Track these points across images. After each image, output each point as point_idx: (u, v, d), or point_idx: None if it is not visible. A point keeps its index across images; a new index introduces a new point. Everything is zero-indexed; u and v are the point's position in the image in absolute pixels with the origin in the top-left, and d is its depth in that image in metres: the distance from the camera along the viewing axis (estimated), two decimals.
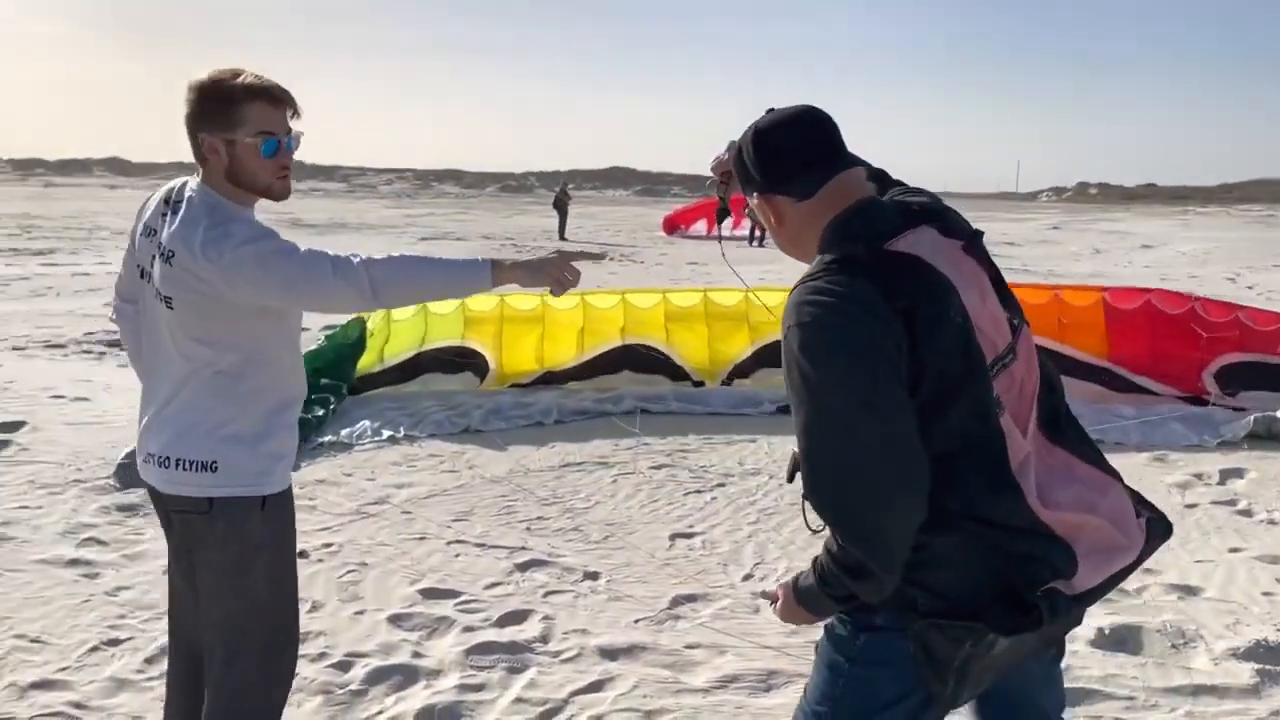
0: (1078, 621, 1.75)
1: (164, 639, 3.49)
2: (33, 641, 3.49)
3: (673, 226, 31.18)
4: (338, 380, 6.87)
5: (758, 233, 27.66)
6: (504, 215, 42.92)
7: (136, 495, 4.99)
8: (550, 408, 6.87)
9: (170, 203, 2.16)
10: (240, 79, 2.08)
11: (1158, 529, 1.76)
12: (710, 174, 2.12)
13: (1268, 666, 3.40)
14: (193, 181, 2.19)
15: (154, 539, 4.48)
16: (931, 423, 1.56)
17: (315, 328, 10.40)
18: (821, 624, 1.84)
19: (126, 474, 5.21)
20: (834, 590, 1.65)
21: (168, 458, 2.14)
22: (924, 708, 1.69)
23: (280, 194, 2.18)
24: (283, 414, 2.23)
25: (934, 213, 1.70)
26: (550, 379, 7.28)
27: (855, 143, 1.80)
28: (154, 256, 2.13)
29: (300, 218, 35.80)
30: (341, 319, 7.69)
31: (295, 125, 2.17)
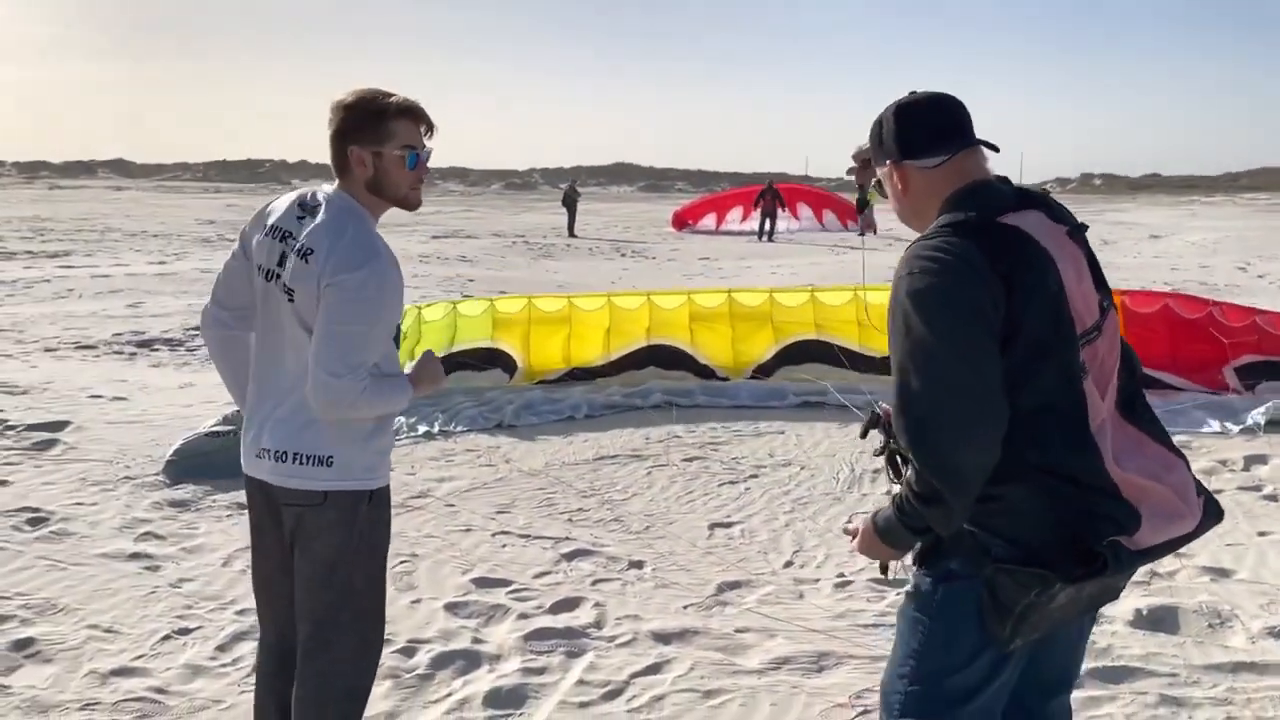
0: (1127, 581, 1.91)
1: (232, 627, 3.66)
2: (106, 631, 3.61)
3: (681, 223, 31.22)
4: None
5: (767, 226, 27.82)
6: (511, 213, 42.97)
7: (186, 490, 5.13)
8: (580, 403, 6.98)
9: (306, 207, 2.30)
10: (390, 98, 2.25)
11: (1212, 509, 1.91)
12: (852, 161, 2.23)
13: None
14: (327, 187, 2.33)
15: (208, 533, 4.61)
16: (1021, 379, 1.73)
17: None
18: (888, 599, 1.95)
19: (175, 469, 5.34)
20: (910, 520, 1.81)
21: (284, 452, 2.26)
22: (1004, 661, 1.83)
23: (415, 204, 2.35)
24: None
25: (1044, 201, 1.88)
26: (577, 375, 7.38)
27: (863, 139, 2.03)
28: (284, 254, 2.26)
29: None
30: None
31: (428, 141, 2.33)
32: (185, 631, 3.64)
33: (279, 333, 2.31)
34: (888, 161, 1.95)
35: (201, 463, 5.40)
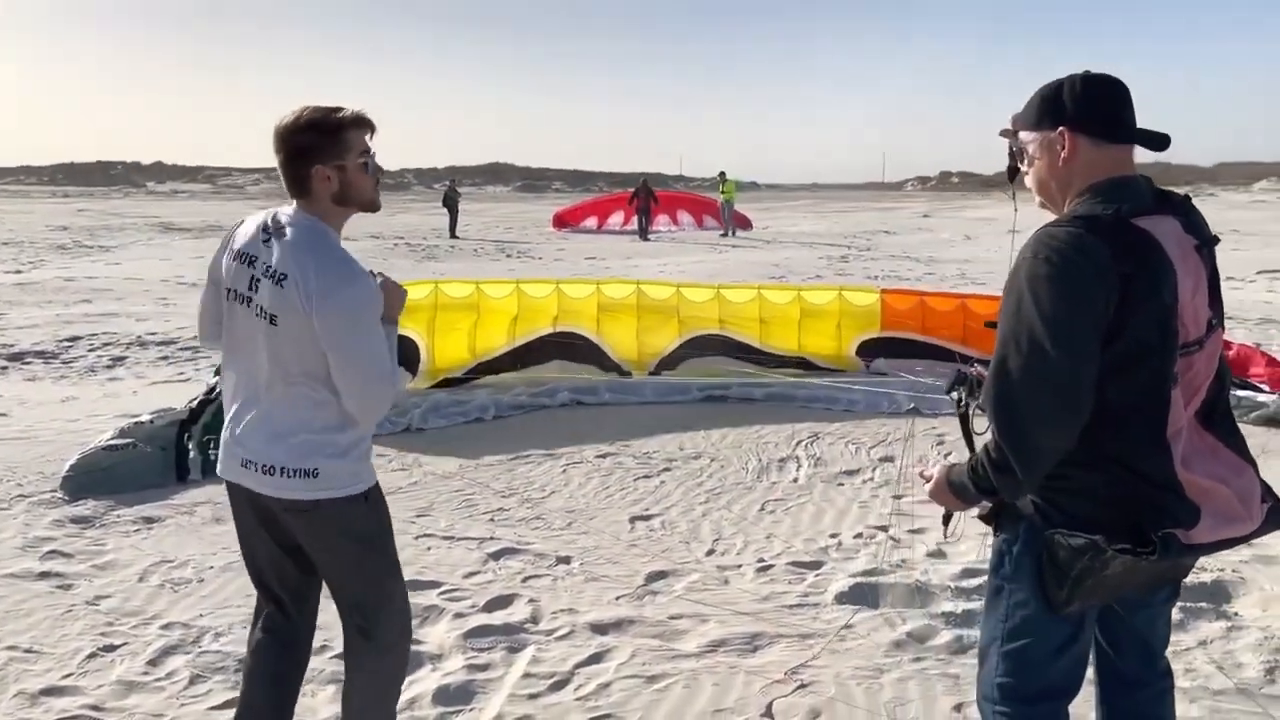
0: (1187, 570, 2.08)
1: (160, 642, 3.61)
2: (26, 652, 3.49)
3: (562, 224, 31.34)
4: None
5: (646, 224, 28.17)
6: (388, 213, 42.01)
7: (87, 507, 4.97)
8: (487, 404, 7.00)
9: (270, 230, 2.34)
10: (340, 112, 2.30)
11: (1275, 516, 2.00)
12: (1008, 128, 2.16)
13: None
14: (287, 209, 2.36)
15: (118, 549, 4.48)
16: (1116, 376, 1.85)
17: None
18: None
19: (72, 485, 5.15)
20: (980, 482, 1.98)
21: (271, 466, 2.32)
22: (1074, 622, 2.04)
23: (378, 205, 2.42)
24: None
25: (1183, 209, 1.96)
26: (482, 370, 7.30)
27: (734, 141, 2.12)
28: (254, 279, 2.31)
29: (170, 222, 34.44)
30: None
31: (372, 144, 2.38)
32: (111, 649, 3.54)
33: (251, 347, 2.36)
34: (1059, 126, 1.96)
35: (100, 477, 5.22)
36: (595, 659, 3.52)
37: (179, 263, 18.89)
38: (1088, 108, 1.96)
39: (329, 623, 3.71)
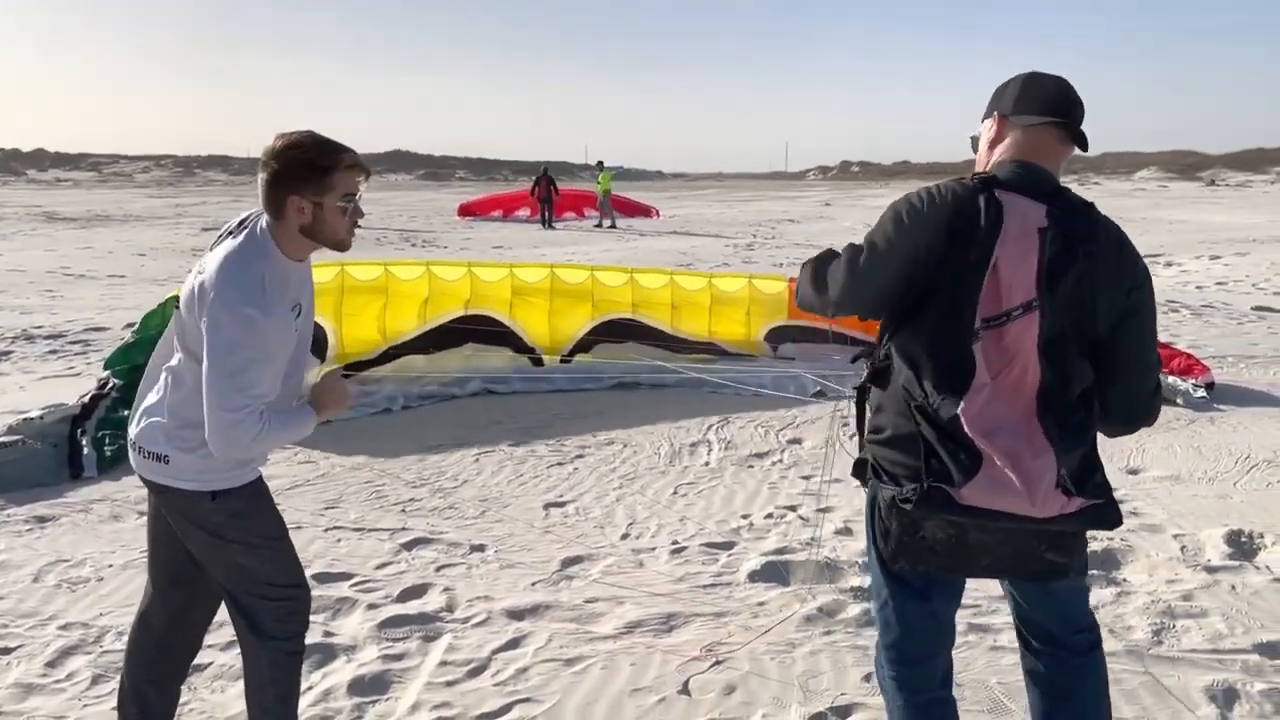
0: (1045, 563, 2.11)
1: (58, 643, 3.51)
2: None
3: (467, 213, 31.02)
4: None
5: (550, 214, 28.08)
6: None
7: None
8: (395, 394, 6.90)
9: (233, 230, 2.33)
10: (338, 153, 2.25)
11: (1096, 515, 2.04)
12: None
13: None
14: (261, 220, 2.32)
15: (9, 549, 4.31)
16: (924, 313, 2.08)
17: (117, 326, 9.88)
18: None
19: None
20: (801, 298, 2.42)
21: (136, 444, 2.39)
22: (930, 590, 2.23)
23: (347, 246, 2.37)
24: None
25: (1057, 203, 2.06)
26: (392, 354, 7.14)
27: (638, 130, 2.23)
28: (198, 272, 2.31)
29: (54, 211, 32.88)
30: (143, 311, 7.26)
31: (363, 187, 2.34)
32: (6, 651, 3.41)
33: (169, 337, 2.42)
34: (995, 114, 2.20)
35: None
36: (512, 644, 3.53)
37: (64, 253, 18.07)
38: (1015, 99, 2.17)
39: (222, 620, 3.65)
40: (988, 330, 2.01)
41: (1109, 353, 2.10)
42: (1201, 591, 3.94)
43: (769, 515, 4.85)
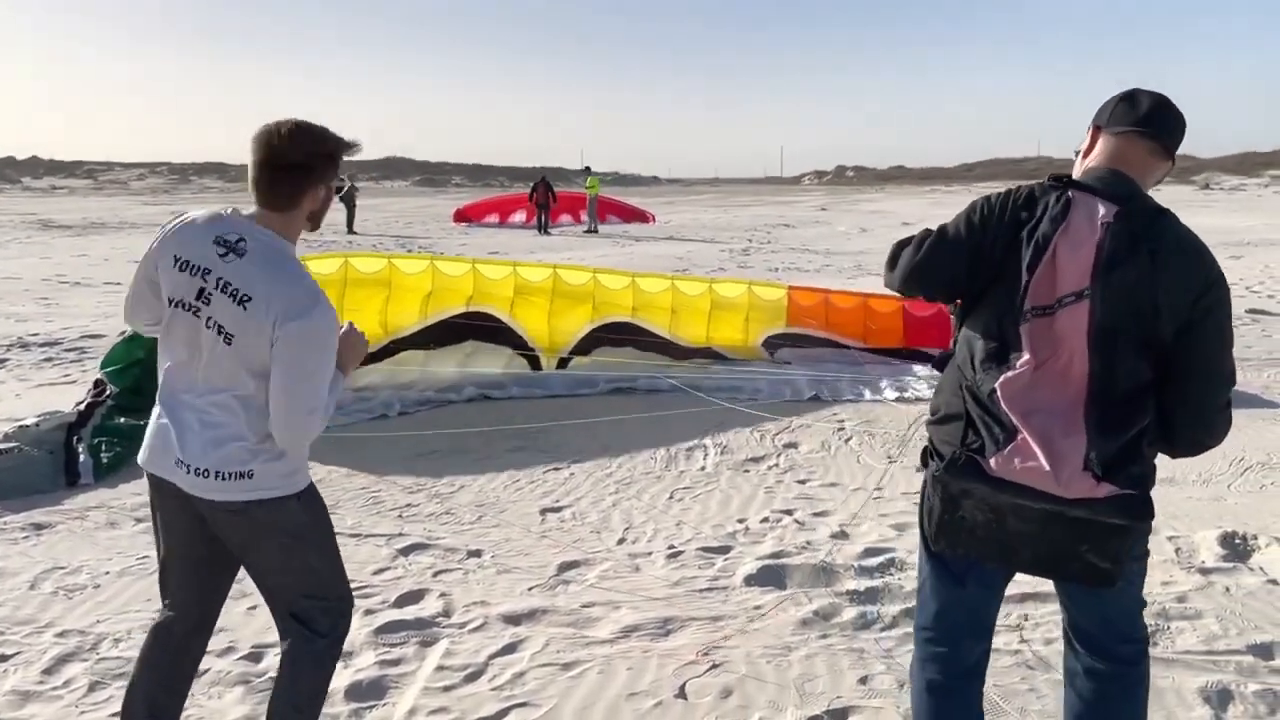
0: (1084, 566, 2.13)
1: (55, 650, 3.50)
2: None
3: (463, 218, 31.07)
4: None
5: (547, 219, 28.11)
6: None
7: None
8: (392, 400, 6.90)
9: (228, 244, 2.28)
10: (348, 143, 2.38)
11: (1124, 504, 2.03)
12: None
13: None
14: (244, 220, 2.33)
15: (6, 556, 4.31)
16: (985, 300, 2.19)
17: (113, 334, 9.87)
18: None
19: None
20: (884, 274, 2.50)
21: (205, 469, 2.32)
22: (966, 577, 2.31)
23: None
24: None
25: (1128, 204, 2.09)
26: (394, 348, 7.07)
27: (636, 136, 2.28)
28: (204, 290, 2.28)
29: (50, 219, 32.88)
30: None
31: None
32: (3, 659, 3.41)
33: (190, 352, 2.35)
34: (1092, 125, 2.29)
35: None
36: (509, 649, 3.54)
37: (60, 261, 18.08)
38: (1110, 112, 2.26)
39: (234, 624, 3.66)
40: (1039, 317, 2.06)
41: (1174, 358, 2.10)
42: (1196, 593, 3.96)
43: (765, 519, 4.86)
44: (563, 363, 7.58)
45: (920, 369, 7.79)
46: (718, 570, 4.24)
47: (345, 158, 2.40)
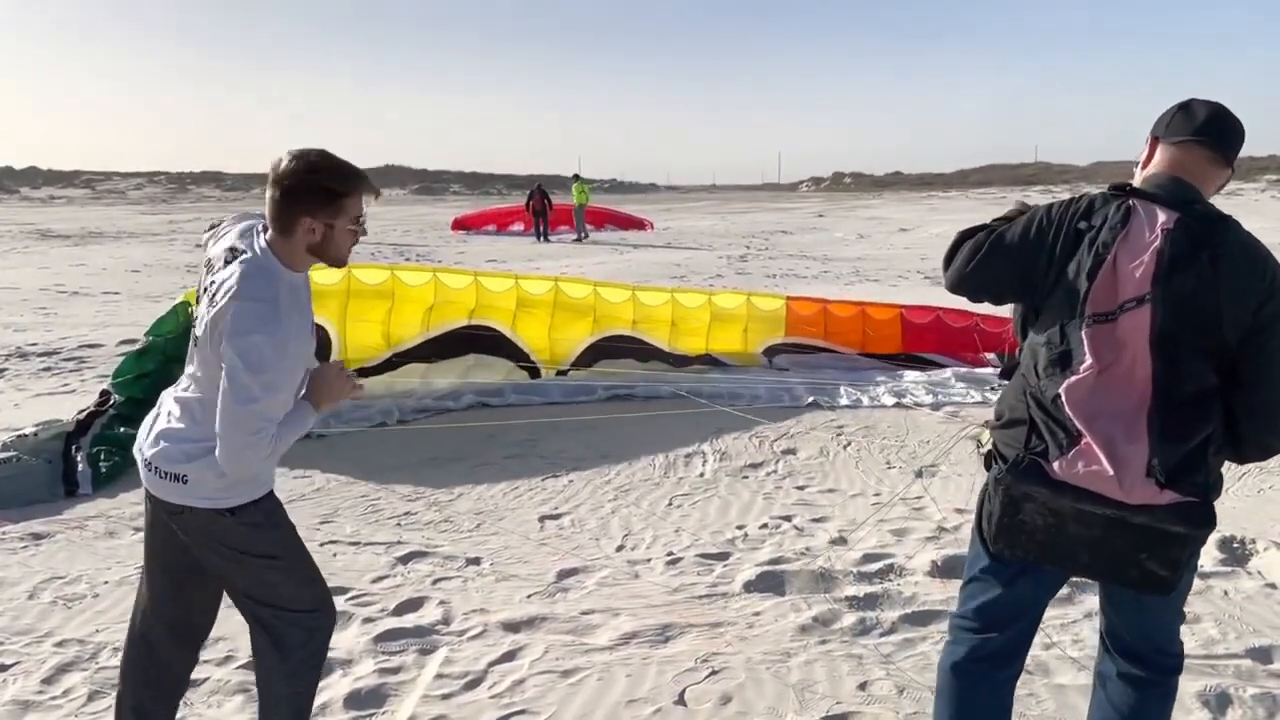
0: (1141, 571, 2.15)
1: (54, 660, 3.50)
2: None
3: (461, 227, 31.13)
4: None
5: (544, 227, 28.15)
6: None
7: None
8: (390, 408, 6.90)
9: (236, 252, 2.31)
10: (354, 178, 2.29)
11: (1185, 511, 2.07)
12: None
13: None
14: (260, 235, 2.34)
15: (5, 566, 4.31)
16: (1048, 307, 2.19)
17: (111, 343, 9.88)
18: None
19: None
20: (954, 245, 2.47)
21: (151, 463, 2.37)
22: (1018, 578, 2.31)
23: (345, 263, 2.41)
24: None
25: (1188, 211, 2.11)
26: (396, 361, 7.09)
27: (634, 143, 2.27)
28: (205, 289, 2.33)
29: (48, 229, 32.87)
30: (139, 327, 7.27)
31: (369, 207, 2.39)
32: (2, 668, 3.41)
33: (190, 348, 2.40)
34: (1151, 136, 2.30)
35: None
36: (508, 657, 3.54)
37: (58, 271, 18.07)
38: (1168, 122, 2.27)
39: (232, 633, 3.66)
40: (1101, 323, 2.08)
41: (1240, 363, 2.10)
42: (1194, 597, 3.96)
43: (764, 525, 4.86)
44: (562, 372, 7.59)
45: (928, 373, 7.84)
46: (717, 577, 4.24)
47: (355, 197, 2.30)
